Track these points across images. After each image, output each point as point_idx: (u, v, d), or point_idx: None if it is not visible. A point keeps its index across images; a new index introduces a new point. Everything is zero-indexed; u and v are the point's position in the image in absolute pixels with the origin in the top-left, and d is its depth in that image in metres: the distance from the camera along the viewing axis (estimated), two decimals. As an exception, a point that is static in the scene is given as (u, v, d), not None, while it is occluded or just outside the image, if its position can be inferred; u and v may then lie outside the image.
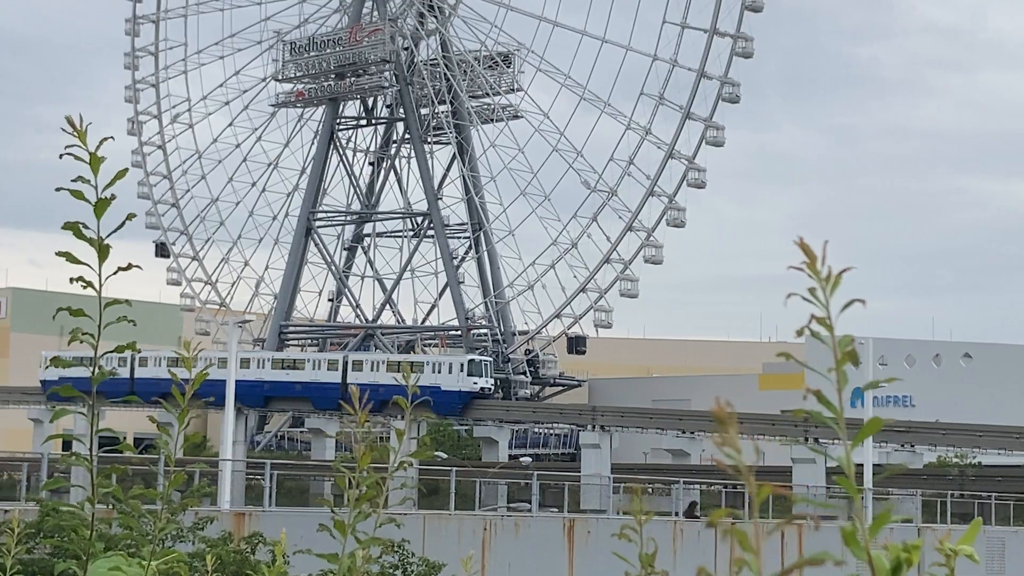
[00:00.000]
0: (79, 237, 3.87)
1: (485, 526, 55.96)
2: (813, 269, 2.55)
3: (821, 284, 2.55)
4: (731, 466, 2.50)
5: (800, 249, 2.56)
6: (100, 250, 3.89)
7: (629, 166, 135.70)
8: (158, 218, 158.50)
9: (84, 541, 4.25)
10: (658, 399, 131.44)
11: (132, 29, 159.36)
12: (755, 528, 2.46)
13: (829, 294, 2.55)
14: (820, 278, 2.55)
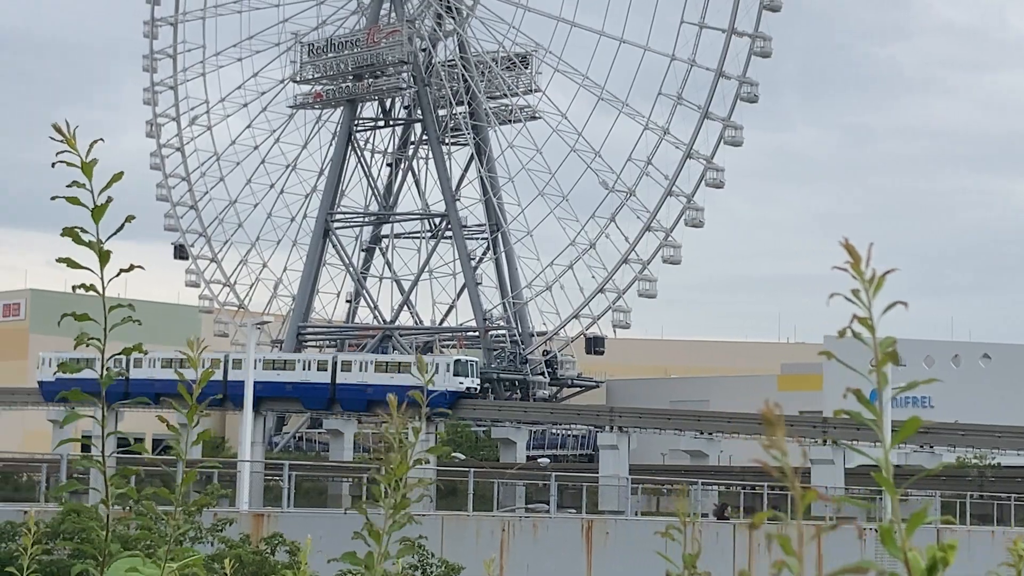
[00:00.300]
0: (78, 242, 3.87)
1: (503, 527, 55.96)
2: (857, 270, 2.54)
3: (864, 285, 2.54)
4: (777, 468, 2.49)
5: (845, 250, 2.55)
6: (100, 254, 3.88)
7: (647, 166, 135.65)
8: (177, 220, 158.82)
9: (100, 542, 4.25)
10: (676, 400, 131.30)
11: (150, 32, 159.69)
12: (799, 532, 2.44)
13: (872, 296, 2.54)
14: (864, 279, 2.54)
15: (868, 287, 2.54)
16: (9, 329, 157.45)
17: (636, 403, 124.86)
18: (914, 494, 77.37)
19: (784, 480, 2.52)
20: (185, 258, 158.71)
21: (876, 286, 2.54)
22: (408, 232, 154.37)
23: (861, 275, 2.53)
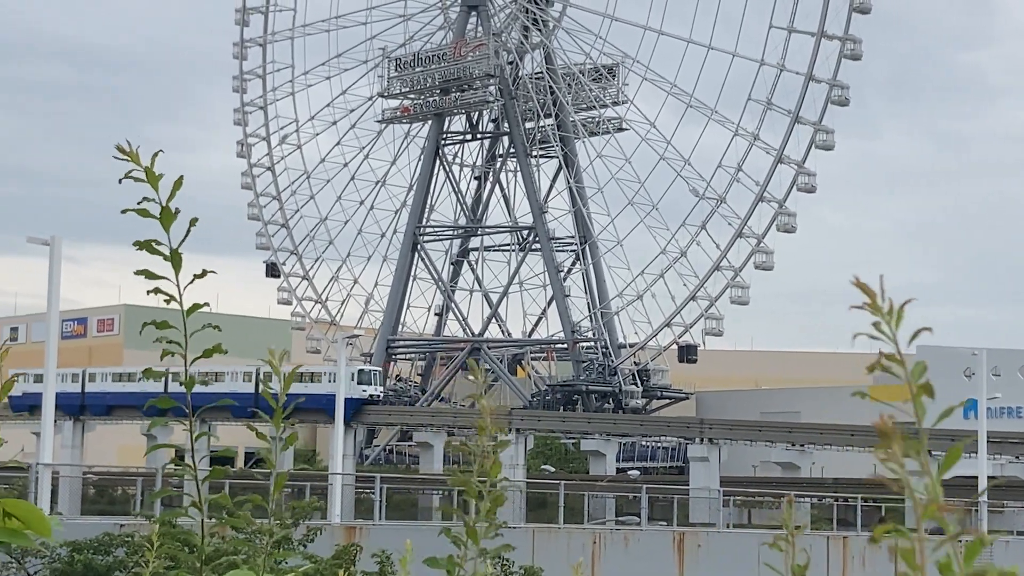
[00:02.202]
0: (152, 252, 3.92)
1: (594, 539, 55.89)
2: (874, 306, 2.53)
3: (885, 319, 2.53)
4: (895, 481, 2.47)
5: (858, 288, 2.54)
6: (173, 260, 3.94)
7: (738, 172, 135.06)
8: (268, 239, 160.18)
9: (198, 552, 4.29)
10: (766, 411, 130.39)
11: (240, 53, 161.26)
12: (920, 544, 2.43)
13: (895, 328, 2.53)
14: (883, 314, 2.53)
15: (889, 320, 2.52)
16: (104, 344, 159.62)
17: (726, 415, 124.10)
18: (1010, 505, 76.31)
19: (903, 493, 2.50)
20: (277, 276, 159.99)
21: (897, 319, 2.53)
22: (497, 245, 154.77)
23: (879, 310, 2.52)
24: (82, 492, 69.47)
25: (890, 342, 2.52)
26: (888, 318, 2.52)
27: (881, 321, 2.52)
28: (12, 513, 3.17)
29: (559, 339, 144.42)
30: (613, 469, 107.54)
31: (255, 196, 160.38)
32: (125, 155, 3.91)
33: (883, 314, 2.52)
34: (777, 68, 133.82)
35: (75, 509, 63.32)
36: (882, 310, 2.52)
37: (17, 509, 3.18)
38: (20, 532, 3.15)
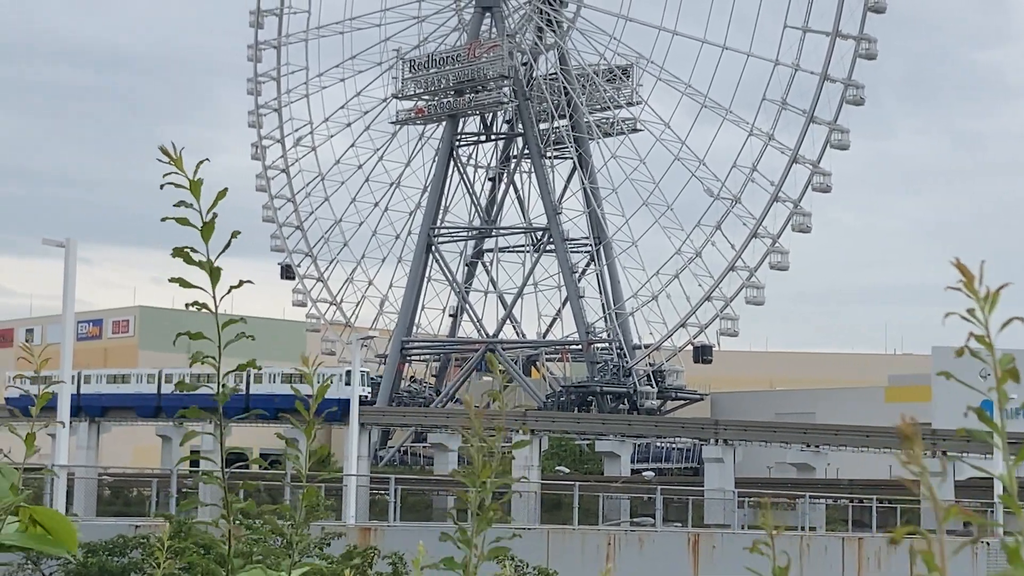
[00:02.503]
0: (188, 262, 3.94)
1: (609, 541, 55.88)
2: (971, 288, 2.53)
3: (980, 303, 2.52)
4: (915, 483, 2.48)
5: (957, 269, 2.54)
6: (211, 272, 3.95)
7: (752, 172, 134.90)
8: (283, 240, 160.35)
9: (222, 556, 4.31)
10: (781, 412, 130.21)
11: (254, 55, 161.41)
12: (941, 547, 2.43)
13: (988, 313, 2.52)
14: (978, 297, 2.52)
15: (984, 305, 2.52)
16: (119, 346, 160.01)
17: (741, 416, 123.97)
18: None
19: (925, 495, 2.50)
20: (292, 278, 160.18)
21: (991, 303, 2.52)
22: (511, 246, 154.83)
23: (975, 293, 2.52)
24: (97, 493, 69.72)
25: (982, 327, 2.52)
26: (984, 303, 2.52)
27: (976, 306, 2.52)
28: (39, 521, 3.18)
29: (574, 340, 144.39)
30: (628, 470, 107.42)
31: (270, 198, 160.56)
32: (168, 159, 3.91)
33: (979, 297, 2.52)
34: (792, 68, 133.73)
35: (90, 510, 63.53)
36: (979, 294, 2.52)
37: (44, 517, 3.19)
38: (46, 538, 3.17)
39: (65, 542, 3.13)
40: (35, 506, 3.18)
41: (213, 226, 3.86)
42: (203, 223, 3.84)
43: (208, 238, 3.89)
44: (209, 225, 3.84)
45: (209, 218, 3.85)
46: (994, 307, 2.53)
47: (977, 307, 2.52)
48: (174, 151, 3.88)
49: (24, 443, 3.63)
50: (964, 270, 2.52)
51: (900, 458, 2.48)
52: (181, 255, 3.90)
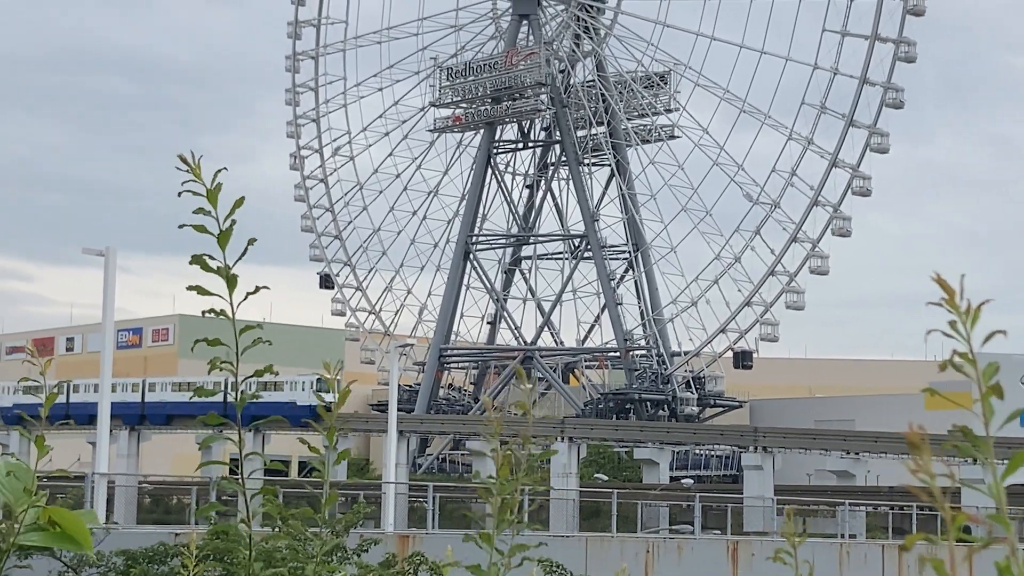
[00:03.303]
0: (206, 269, 3.93)
1: (648, 548, 55.75)
2: (952, 304, 2.50)
3: (961, 318, 2.50)
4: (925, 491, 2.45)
5: (938, 285, 2.51)
6: (227, 279, 3.94)
7: (792, 177, 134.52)
8: (322, 250, 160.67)
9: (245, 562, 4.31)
10: (821, 419, 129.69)
11: (292, 66, 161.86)
12: (951, 554, 2.40)
13: (970, 328, 2.50)
14: (960, 312, 2.50)
15: (965, 320, 2.49)
16: (159, 354, 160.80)
17: (780, 423, 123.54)
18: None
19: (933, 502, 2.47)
20: (331, 287, 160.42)
21: (973, 318, 2.50)
22: (549, 253, 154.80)
23: (956, 308, 2.49)
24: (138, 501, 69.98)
25: (964, 341, 2.49)
26: (964, 317, 2.49)
27: (957, 320, 2.49)
28: (55, 521, 3.20)
29: (612, 347, 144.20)
30: (666, 478, 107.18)
31: (308, 208, 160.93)
32: (187, 166, 3.91)
33: (960, 312, 2.49)
34: (831, 72, 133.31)
35: (131, 518, 63.77)
36: (959, 308, 2.50)
37: (60, 517, 3.21)
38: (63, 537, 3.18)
39: (80, 541, 3.14)
40: (51, 507, 3.19)
41: (230, 233, 3.85)
42: (220, 231, 3.83)
43: (225, 245, 3.89)
44: (226, 233, 3.83)
45: (226, 226, 3.84)
46: (976, 322, 2.50)
47: (959, 322, 2.50)
48: (193, 159, 3.88)
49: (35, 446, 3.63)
50: (945, 286, 2.50)
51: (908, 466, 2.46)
52: (198, 262, 3.90)
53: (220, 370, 4.21)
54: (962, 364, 2.51)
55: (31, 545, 3.14)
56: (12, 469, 3.27)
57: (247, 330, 4.12)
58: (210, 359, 4.15)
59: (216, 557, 6.19)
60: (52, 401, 3.82)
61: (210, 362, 4.16)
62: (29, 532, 3.15)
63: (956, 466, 8.81)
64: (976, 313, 2.50)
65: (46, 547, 3.09)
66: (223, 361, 4.09)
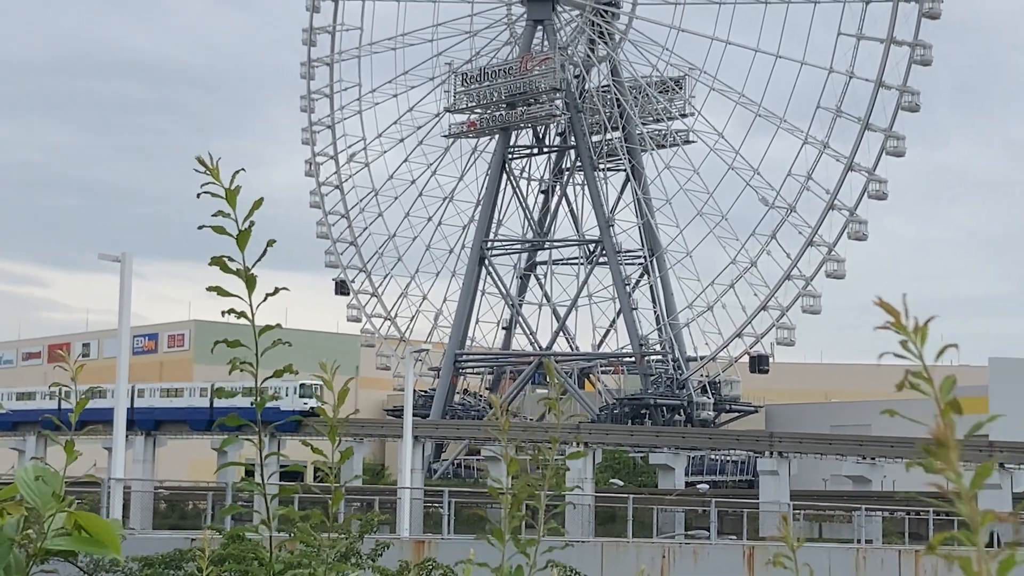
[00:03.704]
0: (225, 271, 3.94)
1: (663, 553, 55.68)
2: (899, 325, 2.51)
3: (911, 338, 2.50)
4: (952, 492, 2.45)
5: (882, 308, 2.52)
6: (247, 280, 3.95)
7: (807, 181, 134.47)
8: (337, 256, 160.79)
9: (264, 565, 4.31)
10: (837, 425, 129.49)
11: (307, 72, 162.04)
12: (979, 555, 2.40)
13: (920, 347, 2.50)
14: (908, 332, 2.51)
15: (914, 339, 2.50)
16: (174, 359, 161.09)
17: (796, 428, 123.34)
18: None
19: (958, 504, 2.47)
20: (346, 293, 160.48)
21: (922, 337, 2.50)
22: (564, 258, 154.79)
23: (904, 329, 2.50)
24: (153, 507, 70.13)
25: (916, 359, 2.50)
26: (913, 336, 2.50)
27: (907, 339, 2.50)
28: (83, 526, 3.21)
29: (627, 352, 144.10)
30: (682, 483, 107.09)
31: (324, 215, 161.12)
32: (205, 169, 3.91)
33: (908, 332, 2.50)
34: (846, 75, 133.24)
35: (147, 523, 63.90)
36: (907, 328, 2.50)
37: (88, 522, 3.21)
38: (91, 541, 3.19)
39: (109, 545, 3.14)
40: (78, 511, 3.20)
41: (249, 235, 3.86)
42: (239, 232, 3.83)
43: (244, 247, 3.89)
44: (245, 234, 3.84)
45: (245, 227, 3.84)
46: (925, 340, 2.50)
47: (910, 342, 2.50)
48: (211, 161, 3.88)
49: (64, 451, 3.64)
50: (889, 308, 2.51)
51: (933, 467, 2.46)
52: (218, 263, 3.90)
53: (240, 371, 4.21)
54: (917, 383, 2.51)
55: (59, 549, 3.15)
56: (40, 474, 3.28)
57: (266, 331, 4.12)
58: (229, 360, 4.16)
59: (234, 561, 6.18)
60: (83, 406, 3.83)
61: (230, 363, 4.17)
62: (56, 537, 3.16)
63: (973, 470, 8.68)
64: (924, 330, 2.51)
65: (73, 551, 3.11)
66: (242, 362, 4.09)
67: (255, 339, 4.09)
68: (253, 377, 4.14)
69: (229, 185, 3.91)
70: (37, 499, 3.12)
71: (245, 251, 3.95)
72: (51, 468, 3.27)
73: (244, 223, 3.90)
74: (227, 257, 3.95)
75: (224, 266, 3.95)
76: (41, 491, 3.13)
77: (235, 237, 3.87)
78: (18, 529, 3.12)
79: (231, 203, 3.89)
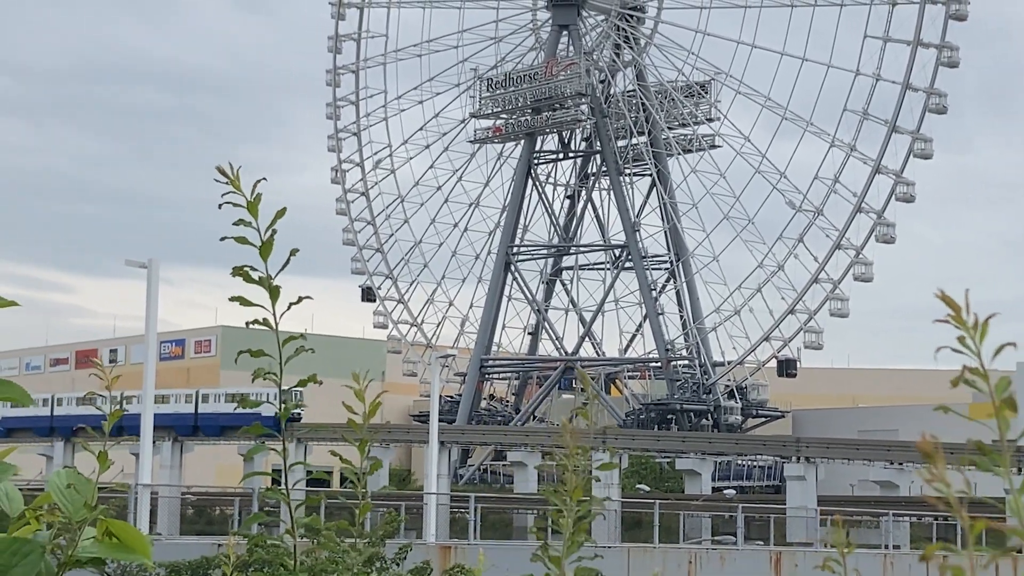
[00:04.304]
0: (248, 281, 3.94)
1: (690, 559, 55.60)
2: (959, 320, 2.48)
3: (969, 333, 2.48)
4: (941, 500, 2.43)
5: (943, 302, 2.50)
6: (270, 290, 3.95)
7: (835, 184, 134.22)
8: (364, 263, 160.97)
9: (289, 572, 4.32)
10: (864, 429, 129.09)
11: (333, 80, 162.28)
12: (970, 561, 2.39)
13: (980, 342, 2.48)
14: (967, 328, 2.48)
15: (973, 335, 2.47)
16: (202, 365, 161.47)
17: (823, 433, 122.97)
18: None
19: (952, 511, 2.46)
20: (373, 300, 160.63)
21: (981, 333, 2.48)
22: (590, 263, 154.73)
23: (964, 324, 2.48)
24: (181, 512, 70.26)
25: (974, 356, 2.48)
26: (972, 332, 2.48)
27: (965, 335, 2.48)
28: (114, 533, 3.22)
29: (653, 357, 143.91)
30: (709, 488, 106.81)
31: (350, 222, 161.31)
32: (225, 178, 3.92)
33: (967, 328, 2.48)
34: (873, 78, 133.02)
35: (174, 529, 64.02)
36: (967, 324, 2.48)
37: (119, 529, 3.23)
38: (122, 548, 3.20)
39: (140, 551, 3.15)
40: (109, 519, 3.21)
41: (271, 244, 3.86)
42: (261, 242, 3.84)
43: (266, 257, 3.89)
44: (267, 244, 3.84)
45: (267, 237, 3.85)
46: (984, 337, 2.48)
47: (968, 337, 2.48)
48: (231, 170, 3.89)
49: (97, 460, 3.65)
50: (950, 302, 2.48)
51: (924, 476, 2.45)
52: (240, 274, 3.91)
53: (264, 380, 4.22)
54: (974, 380, 2.49)
55: (90, 557, 3.16)
56: (72, 481, 3.29)
57: (290, 340, 4.13)
58: (254, 370, 4.17)
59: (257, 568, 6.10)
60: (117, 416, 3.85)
61: (254, 372, 4.18)
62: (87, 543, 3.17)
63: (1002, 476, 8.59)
64: (984, 327, 2.49)
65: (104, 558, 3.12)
66: (267, 372, 4.11)
67: (278, 348, 4.09)
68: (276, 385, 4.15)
69: (250, 195, 3.92)
70: (69, 506, 3.13)
71: (268, 261, 3.96)
72: (83, 475, 3.28)
73: (266, 233, 3.90)
74: (249, 267, 3.96)
75: (247, 276, 3.96)
76: (73, 499, 3.14)
77: (257, 248, 3.88)
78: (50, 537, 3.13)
79: (252, 213, 3.89)
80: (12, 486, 3.04)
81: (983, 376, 2.48)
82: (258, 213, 3.91)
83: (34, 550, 2.80)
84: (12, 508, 3.03)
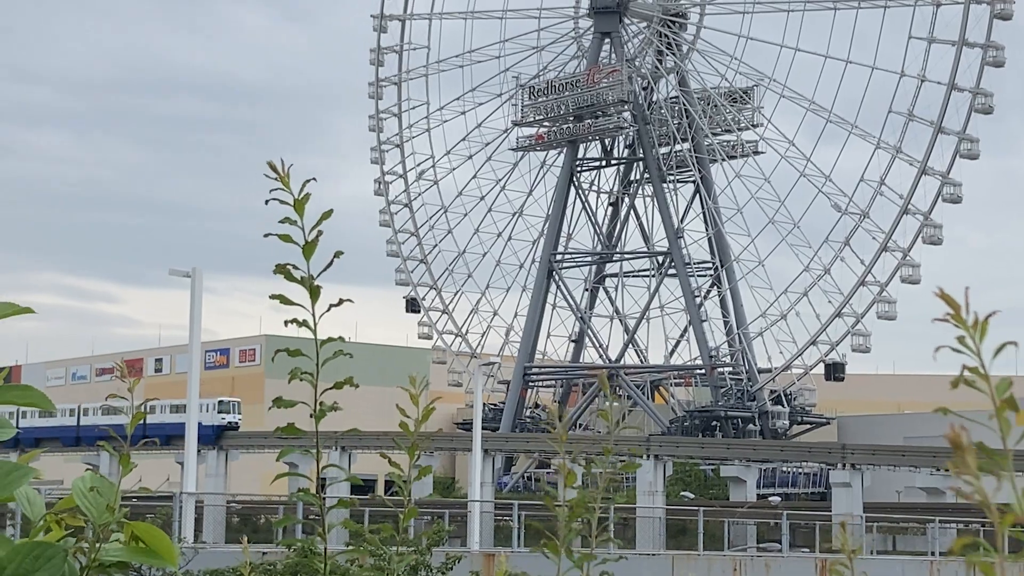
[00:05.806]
0: (289, 279, 3.89)
1: (735, 567, 55.38)
2: (958, 319, 2.41)
3: (969, 332, 2.41)
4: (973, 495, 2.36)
5: (942, 300, 2.42)
6: (311, 290, 3.90)
7: (880, 186, 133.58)
8: (407, 275, 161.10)
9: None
10: (910, 436, 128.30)
11: (375, 92, 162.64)
12: (1000, 560, 2.31)
13: (979, 341, 2.40)
14: (967, 327, 2.41)
15: (973, 334, 2.40)
16: (247, 374, 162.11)
17: (869, 440, 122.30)
18: None
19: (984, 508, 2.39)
20: (417, 311, 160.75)
21: (981, 332, 2.40)
22: (636, 270, 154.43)
23: (963, 323, 2.40)
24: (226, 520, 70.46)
25: (973, 356, 2.41)
26: (972, 331, 2.41)
27: (965, 335, 2.41)
28: (140, 537, 3.19)
29: (697, 364, 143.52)
30: (754, 495, 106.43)
31: (394, 233, 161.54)
32: (275, 175, 3.88)
33: (967, 326, 2.41)
34: (918, 79, 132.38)
35: (219, 537, 64.21)
36: (966, 322, 2.41)
37: (144, 533, 3.19)
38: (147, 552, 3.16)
39: (165, 556, 3.11)
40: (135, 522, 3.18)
41: (315, 244, 3.81)
42: (305, 241, 3.79)
43: (309, 256, 3.84)
44: (311, 244, 3.79)
45: (312, 236, 3.80)
46: (984, 336, 2.40)
47: (967, 336, 2.40)
48: (282, 168, 3.84)
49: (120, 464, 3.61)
50: (949, 300, 2.40)
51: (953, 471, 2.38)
52: (282, 272, 3.86)
53: (300, 381, 4.17)
54: (974, 380, 2.42)
55: (114, 561, 3.13)
56: (95, 484, 3.26)
57: (327, 342, 4.08)
58: (290, 370, 4.11)
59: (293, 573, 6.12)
60: (138, 420, 3.80)
61: (290, 373, 4.12)
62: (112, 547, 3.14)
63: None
64: (984, 326, 2.41)
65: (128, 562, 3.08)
66: (303, 372, 4.05)
67: (316, 349, 4.04)
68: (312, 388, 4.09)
69: (298, 194, 3.87)
70: (92, 510, 3.09)
71: (311, 260, 3.91)
72: (107, 479, 3.24)
73: (311, 233, 3.86)
74: (292, 264, 3.91)
75: (288, 274, 3.91)
76: (96, 502, 3.10)
77: (301, 247, 3.83)
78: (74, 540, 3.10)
79: (299, 211, 3.85)
80: (33, 490, 3.00)
81: (984, 377, 2.40)
82: (304, 212, 3.87)
83: (56, 554, 2.76)
84: (33, 512, 3.00)
